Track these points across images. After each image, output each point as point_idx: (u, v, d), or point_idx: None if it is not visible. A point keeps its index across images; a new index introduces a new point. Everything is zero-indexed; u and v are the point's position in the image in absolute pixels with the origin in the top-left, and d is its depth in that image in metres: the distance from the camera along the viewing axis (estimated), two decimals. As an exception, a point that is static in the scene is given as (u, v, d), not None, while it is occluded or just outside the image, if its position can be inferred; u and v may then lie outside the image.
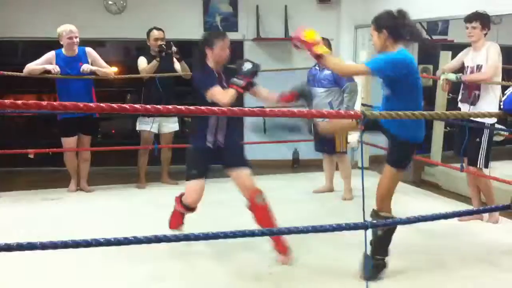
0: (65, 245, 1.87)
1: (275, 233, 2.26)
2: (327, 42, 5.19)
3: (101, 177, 6.36)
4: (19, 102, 1.98)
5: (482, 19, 4.48)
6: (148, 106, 2.13)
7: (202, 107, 2.24)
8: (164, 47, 5.70)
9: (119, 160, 7.17)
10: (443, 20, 7.38)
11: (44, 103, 2.10)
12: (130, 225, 4.50)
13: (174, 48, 5.77)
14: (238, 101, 7.50)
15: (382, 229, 3.28)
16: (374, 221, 2.95)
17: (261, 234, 2.19)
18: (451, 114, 2.89)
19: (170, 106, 2.19)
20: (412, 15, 6.31)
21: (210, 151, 3.86)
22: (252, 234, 2.15)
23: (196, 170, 3.88)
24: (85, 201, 5.48)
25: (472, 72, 4.58)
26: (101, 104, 2.13)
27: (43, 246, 1.81)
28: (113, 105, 2.10)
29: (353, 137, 5.61)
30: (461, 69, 4.87)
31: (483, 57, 4.48)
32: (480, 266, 3.69)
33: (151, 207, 5.18)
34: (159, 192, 5.83)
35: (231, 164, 3.89)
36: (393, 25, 3.32)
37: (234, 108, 2.43)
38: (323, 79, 5.27)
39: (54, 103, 2.15)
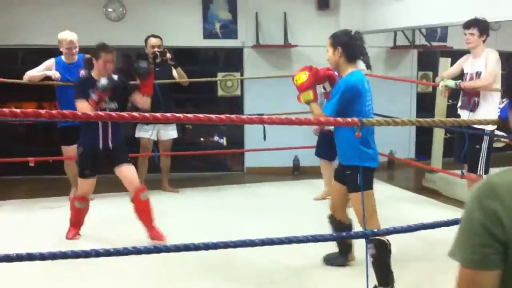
0: (64, 255, 1.86)
1: (276, 243, 2.24)
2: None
3: (101, 185, 6.32)
4: (18, 110, 1.99)
5: (479, 26, 4.50)
6: (146, 114, 2.14)
7: (201, 115, 2.24)
8: (158, 53, 5.72)
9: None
10: (442, 26, 7.40)
11: (43, 111, 2.10)
12: (130, 233, 4.49)
13: (168, 55, 5.78)
14: (240, 108, 7.49)
15: (375, 248, 3.21)
16: (375, 230, 2.92)
17: (261, 243, 2.18)
18: (448, 121, 2.90)
19: (168, 114, 2.21)
20: (411, 21, 6.36)
21: (97, 152, 4.34)
22: (253, 244, 2.14)
23: (87, 171, 4.41)
24: (85, 209, 5.46)
25: (471, 78, 4.59)
26: (100, 113, 2.13)
27: (43, 257, 1.81)
28: (111, 113, 2.10)
29: None
30: (460, 75, 4.88)
31: (482, 64, 4.49)
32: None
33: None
34: (159, 200, 5.79)
35: (118, 162, 4.39)
36: (348, 44, 3.36)
37: (232, 116, 2.42)
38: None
39: (53, 111, 2.15)
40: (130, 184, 4.38)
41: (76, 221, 4.59)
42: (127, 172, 4.41)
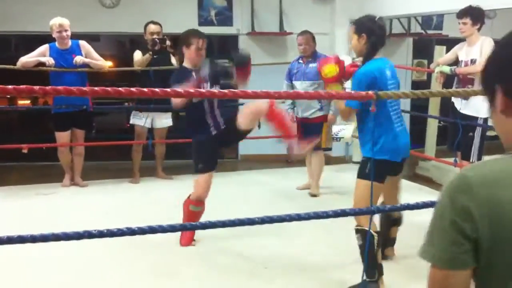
0: (56, 237, 1.86)
1: (276, 221, 2.25)
2: (311, 36, 5.34)
3: (95, 172, 6.35)
4: (10, 87, 1.97)
5: (472, 14, 4.48)
6: (144, 89, 2.15)
7: (186, 89, 2.23)
8: (158, 41, 5.67)
9: (113, 154, 7.16)
10: (438, 14, 7.38)
11: (36, 87, 2.09)
12: (124, 220, 4.46)
13: (168, 42, 5.73)
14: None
15: (361, 239, 3.17)
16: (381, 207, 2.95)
17: (261, 222, 2.19)
18: (449, 92, 3.01)
19: (157, 89, 2.21)
20: (407, 9, 6.34)
21: (215, 138, 3.96)
22: (252, 222, 2.15)
23: (204, 163, 3.93)
24: (79, 195, 5.47)
25: (466, 66, 4.59)
26: (95, 88, 2.13)
27: (34, 239, 1.81)
28: (107, 88, 2.09)
29: (347, 131, 5.59)
30: (455, 63, 4.88)
31: (477, 52, 4.49)
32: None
33: (145, 201, 5.18)
34: (153, 187, 5.83)
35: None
36: (373, 31, 3.26)
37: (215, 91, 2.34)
38: (309, 72, 5.25)
39: (46, 87, 2.14)
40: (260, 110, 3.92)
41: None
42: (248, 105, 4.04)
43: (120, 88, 2.07)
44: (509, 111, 1.05)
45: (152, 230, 2.04)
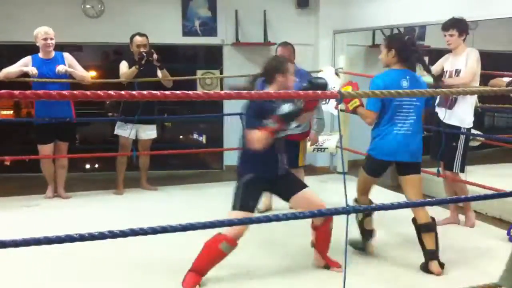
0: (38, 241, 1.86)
1: (254, 222, 2.28)
2: (292, 48, 5.05)
3: (79, 183, 6.30)
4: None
5: (458, 26, 4.53)
6: (122, 92, 2.12)
7: (170, 91, 2.21)
8: (145, 54, 5.63)
9: (98, 166, 7.11)
10: (420, 26, 7.46)
11: (16, 92, 2.08)
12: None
13: (155, 56, 5.69)
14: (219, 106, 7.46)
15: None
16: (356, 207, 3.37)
17: (241, 222, 2.18)
18: (428, 92, 3.08)
19: (145, 92, 2.19)
20: (389, 21, 6.41)
21: (273, 180, 3.53)
22: (231, 222, 2.14)
23: (251, 203, 3.43)
24: (62, 207, 5.41)
25: (450, 76, 4.63)
26: (74, 92, 2.11)
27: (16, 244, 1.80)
28: (86, 92, 2.08)
29: (332, 142, 5.62)
30: (441, 74, 4.90)
31: (463, 62, 4.53)
32: (456, 270, 3.73)
33: (129, 213, 5.14)
34: (138, 198, 5.79)
35: (295, 189, 3.56)
36: (402, 48, 3.71)
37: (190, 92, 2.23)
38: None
39: (26, 91, 2.13)
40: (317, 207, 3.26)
41: (207, 267, 3.44)
42: (312, 195, 3.58)
43: (99, 92, 2.05)
44: None
45: (134, 233, 2.06)
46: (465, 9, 5.00)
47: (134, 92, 2.12)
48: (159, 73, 5.79)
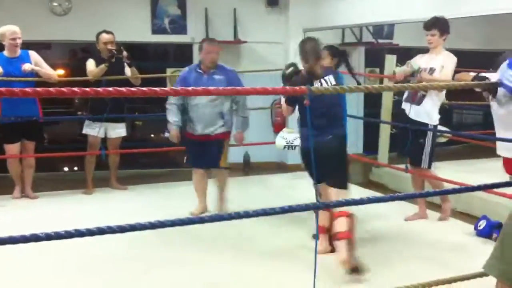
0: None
1: (225, 219, 2.29)
2: (217, 45, 4.97)
3: (47, 183, 6.19)
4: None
5: (439, 26, 4.54)
6: (86, 89, 2.08)
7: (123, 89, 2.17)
8: (115, 52, 5.56)
9: (66, 165, 7.01)
10: (389, 24, 7.55)
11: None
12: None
13: (125, 53, 5.62)
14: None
15: None
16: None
17: (211, 220, 2.17)
18: (395, 87, 3.05)
19: (110, 88, 2.14)
20: (359, 19, 6.47)
21: None
22: (202, 220, 2.12)
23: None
24: (29, 208, 5.32)
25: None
26: (26, 89, 2.05)
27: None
28: (50, 89, 2.04)
29: (280, 141, 5.57)
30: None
31: (438, 62, 4.54)
32: (426, 265, 3.77)
33: (99, 212, 5.07)
34: (108, 198, 5.73)
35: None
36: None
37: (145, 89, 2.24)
38: (215, 84, 4.53)
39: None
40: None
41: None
42: None
43: (63, 89, 2.01)
44: None
45: (100, 231, 2.04)
46: (434, 8, 5.05)
47: (99, 89, 2.06)
48: (127, 71, 5.73)
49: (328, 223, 3.86)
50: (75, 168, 6.80)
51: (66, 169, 7.18)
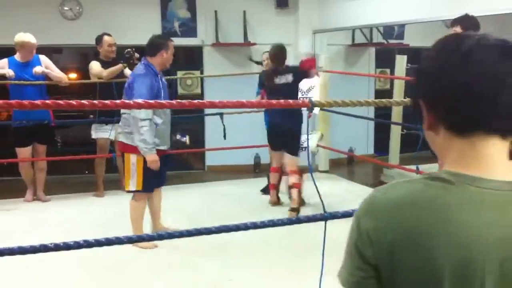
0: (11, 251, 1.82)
1: (232, 229, 2.28)
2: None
3: (59, 186, 6.23)
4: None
5: (462, 23, 4.46)
6: (95, 102, 2.10)
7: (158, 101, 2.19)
8: (132, 52, 5.58)
9: (77, 168, 7.04)
10: (399, 24, 7.52)
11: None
12: (87, 235, 4.39)
13: (137, 55, 5.66)
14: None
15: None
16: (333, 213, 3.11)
17: (218, 231, 2.17)
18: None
19: (118, 101, 2.16)
20: (369, 20, 6.44)
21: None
22: (208, 232, 2.12)
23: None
24: (41, 210, 5.35)
25: None
26: (36, 102, 2.07)
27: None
28: (59, 101, 2.04)
29: (312, 142, 5.65)
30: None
31: None
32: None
33: (109, 215, 5.09)
34: (118, 200, 5.72)
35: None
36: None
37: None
38: (165, 88, 4.35)
39: None
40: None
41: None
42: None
43: (72, 101, 2.02)
44: (434, 128, 0.96)
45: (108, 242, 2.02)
46: (444, 8, 5.02)
47: (107, 101, 2.06)
48: (126, 71, 5.69)
49: (277, 182, 5.38)
50: (86, 171, 6.82)
51: (77, 172, 7.19)
